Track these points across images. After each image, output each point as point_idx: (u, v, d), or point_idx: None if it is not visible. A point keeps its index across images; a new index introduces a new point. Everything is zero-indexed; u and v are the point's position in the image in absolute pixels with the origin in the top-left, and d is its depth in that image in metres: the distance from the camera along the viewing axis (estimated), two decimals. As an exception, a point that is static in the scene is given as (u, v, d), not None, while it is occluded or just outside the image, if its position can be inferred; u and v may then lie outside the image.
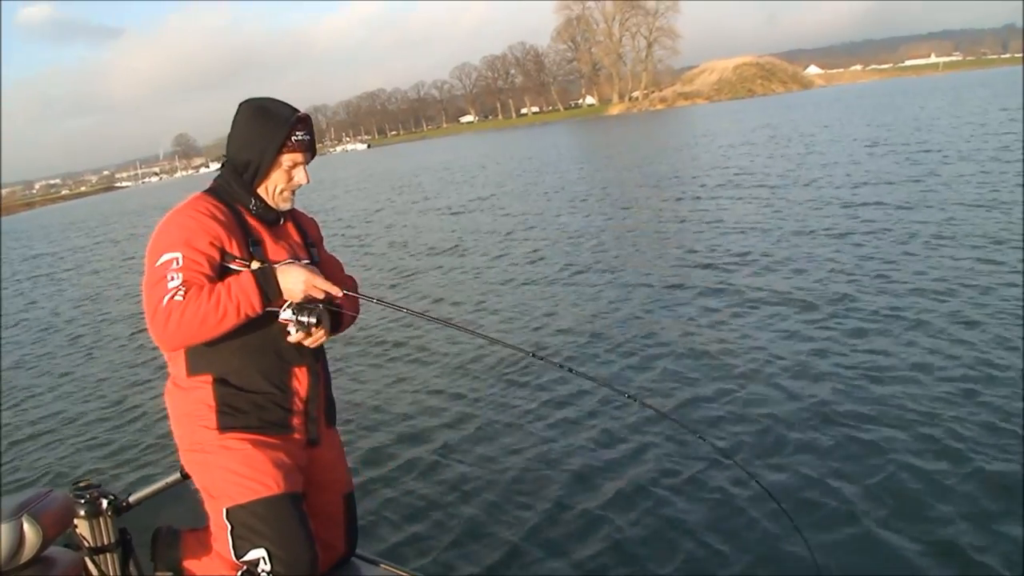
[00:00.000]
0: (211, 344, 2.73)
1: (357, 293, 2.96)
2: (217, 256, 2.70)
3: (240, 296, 2.61)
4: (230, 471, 2.74)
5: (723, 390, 6.53)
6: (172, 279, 2.59)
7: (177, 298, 2.55)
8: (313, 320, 2.75)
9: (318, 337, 2.83)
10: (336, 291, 2.76)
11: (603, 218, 17.49)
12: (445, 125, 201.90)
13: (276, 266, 2.72)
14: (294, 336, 2.78)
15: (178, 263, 2.62)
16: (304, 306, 2.74)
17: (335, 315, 2.92)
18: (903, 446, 5.23)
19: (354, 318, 3.16)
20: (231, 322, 2.61)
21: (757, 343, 7.54)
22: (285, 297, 2.70)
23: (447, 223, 20.69)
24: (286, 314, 2.74)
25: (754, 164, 23.74)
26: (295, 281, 2.69)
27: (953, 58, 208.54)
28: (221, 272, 2.69)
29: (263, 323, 2.77)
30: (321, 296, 2.75)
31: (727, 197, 17.70)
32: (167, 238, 2.69)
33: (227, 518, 2.73)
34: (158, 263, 2.64)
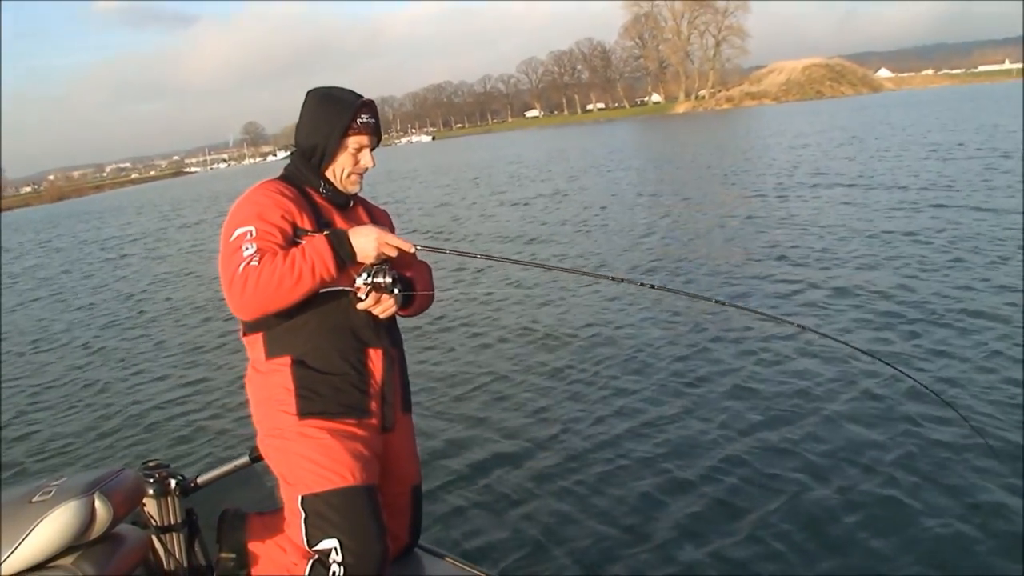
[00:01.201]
0: (289, 323, 2.77)
1: (430, 248, 2.97)
2: (289, 229, 2.73)
3: (315, 257, 2.62)
4: (308, 459, 2.73)
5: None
6: (247, 249, 2.62)
7: (253, 263, 2.58)
8: (389, 280, 2.77)
9: (387, 306, 2.84)
10: (408, 246, 2.77)
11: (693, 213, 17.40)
12: (510, 119, 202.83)
13: (348, 230, 2.75)
14: (364, 303, 2.79)
15: (252, 235, 2.66)
16: (379, 268, 2.76)
17: (406, 289, 2.93)
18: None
19: (427, 301, 3.12)
20: (307, 285, 2.62)
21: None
22: (359, 258, 2.72)
23: (523, 214, 20.74)
24: (361, 279, 2.76)
25: (841, 164, 23.42)
26: (367, 239, 2.71)
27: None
28: (293, 246, 2.71)
29: (339, 302, 2.80)
30: (394, 253, 2.76)
31: (815, 197, 17.52)
32: (240, 214, 2.74)
33: (302, 506, 2.72)
34: (232, 237, 2.67)
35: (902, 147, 26.99)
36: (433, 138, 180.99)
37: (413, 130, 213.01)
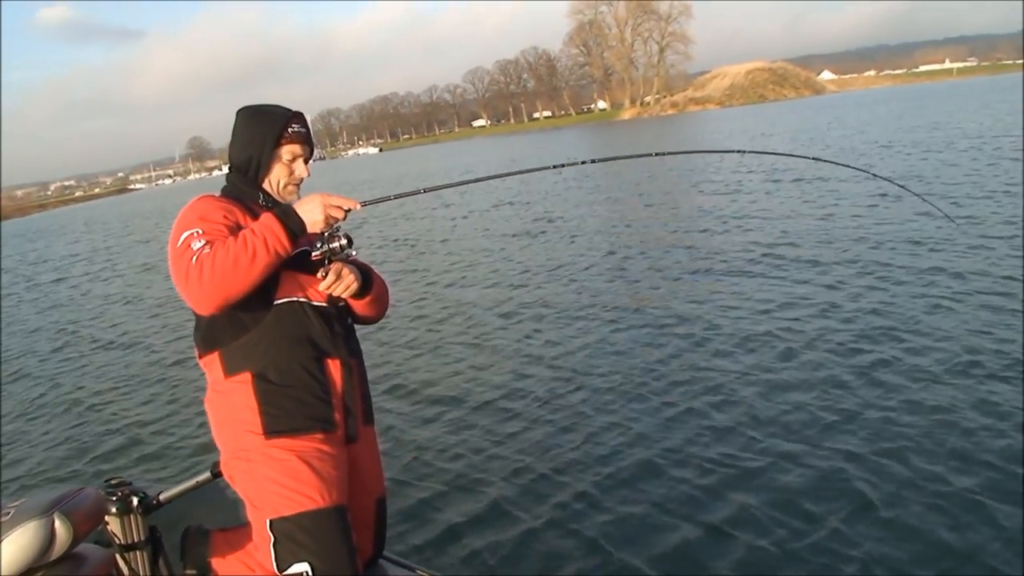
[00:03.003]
0: (245, 338, 2.77)
1: (374, 201, 3.05)
2: (235, 227, 2.74)
3: (265, 232, 2.63)
4: (275, 482, 2.71)
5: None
6: (196, 243, 2.62)
7: (205, 251, 2.57)
8: (344, 241, 2.80)
9: (349, 281, 2.86)
10: (353, 203, 2.81)
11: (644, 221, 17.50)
12: (457, 129, 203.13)
13: (293, 204, 2.81)
14: (325, 282, 2.81)
15: (199, 233, 2.65)
16: (331, 233, 2.80)
17: (365, 275, 3.00)
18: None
19: (384, 296, 3.18)
20: (263, 260, 2.60)
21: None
22: (309, 227, 2.72)
23: (483, 221, 20.85)
24: (317, 249, 2.79)
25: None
26: (312, 204, 2.73)
27: (968, 64, 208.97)
28: None
29: (294, 312, 2.82)
30: (341, 215, 2.77)
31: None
32: (183, 221, 2.74)
33: (271, 529, 2.70)
34: (179, 241, 2.66)
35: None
36: (380, 149, 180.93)
37: (360, 142, 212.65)
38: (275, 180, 2.94)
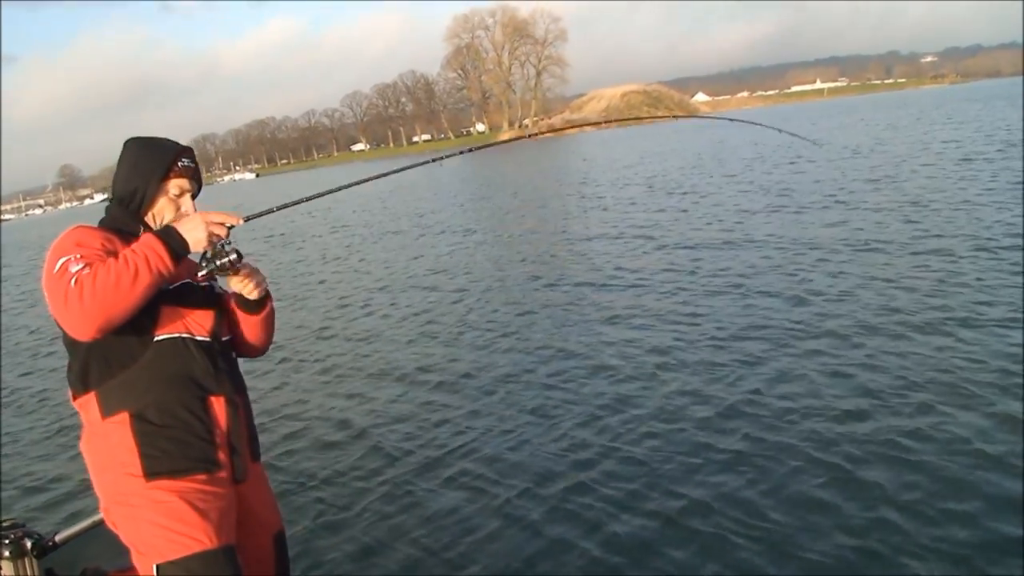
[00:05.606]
0: (123, 376, 2.68)
1: (257, 215, 2.94)
2: (113, 254, 2.60)
3: (146, 250, 2.52)
4: (159, 525, 2.62)
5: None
6: (74, 267, 2.49)
7: (85, 272, 2.45)
8: (233, 257, 2.68)
9: (259, 280, 2.90)
10: (235, 219, 2.71)
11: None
12: (336, 154, 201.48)
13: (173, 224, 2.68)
14: (240, 277, 2.81)
15: (76, 257, 2.53)
16: (217, 249, 2.68)
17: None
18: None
19: (271, 328, 3.15)
20: (145, 280, 2.49)
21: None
22: (192, 247, 2.61)
23: (388, 245, 20.63)
24: (203, 269, 2.68)
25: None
26: (193, 222, 2.62)
27: (839, 83, 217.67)
28: None
29: (175, 350, 2.74)
30: (223, 232, 2.67)
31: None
32: (59, 249, 2.61)
33: (158, 575, 2.61)
34: (56, 268, 2.53)
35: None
36: (257, 175, 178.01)
37: (237, 168, 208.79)
38: (159, 215, 2.84)
